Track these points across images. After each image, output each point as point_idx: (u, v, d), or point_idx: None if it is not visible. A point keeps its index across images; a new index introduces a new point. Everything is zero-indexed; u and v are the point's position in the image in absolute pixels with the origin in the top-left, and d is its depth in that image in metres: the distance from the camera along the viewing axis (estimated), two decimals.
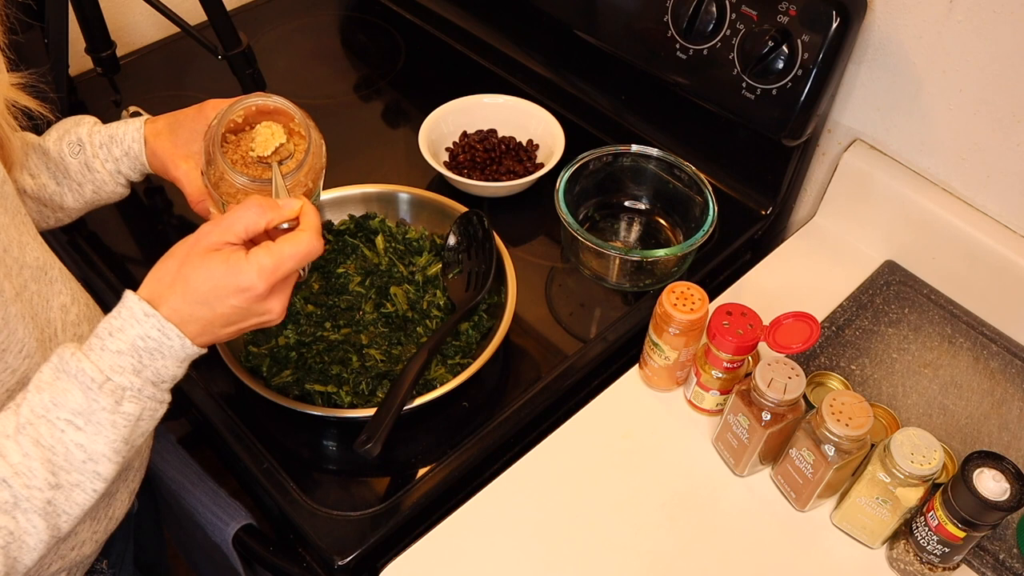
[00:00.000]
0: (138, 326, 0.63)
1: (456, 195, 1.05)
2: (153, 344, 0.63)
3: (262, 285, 0.64)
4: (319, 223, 0.69)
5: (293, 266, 0.66)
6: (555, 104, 1.20)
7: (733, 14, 0.96)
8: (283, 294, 0.67)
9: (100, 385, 0.61)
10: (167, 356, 0.64)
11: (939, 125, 0.96)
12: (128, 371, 0.62)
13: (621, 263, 0.98)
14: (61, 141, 0.87)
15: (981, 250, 0.96)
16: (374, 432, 0.78)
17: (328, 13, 1.44)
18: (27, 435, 0.60)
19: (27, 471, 0.59)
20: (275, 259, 0.65)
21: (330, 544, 0.80)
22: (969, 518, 0.72)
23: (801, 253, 1.08)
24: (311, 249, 0.66)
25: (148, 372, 0.63)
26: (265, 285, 0.64)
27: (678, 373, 0.91)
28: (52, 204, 0.88)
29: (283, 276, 0.66)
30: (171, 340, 0.63)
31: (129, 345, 0.62)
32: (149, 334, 0.63)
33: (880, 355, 0.96)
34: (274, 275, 0.65)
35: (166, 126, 0.87)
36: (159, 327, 0.63)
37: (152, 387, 0.64)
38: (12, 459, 0.59)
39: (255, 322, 0.67)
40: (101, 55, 1.16)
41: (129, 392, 0.62)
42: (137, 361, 0.62)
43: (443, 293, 0.96)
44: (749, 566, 0.81)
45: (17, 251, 0.70)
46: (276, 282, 0.65)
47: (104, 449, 0.61)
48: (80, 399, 0.61)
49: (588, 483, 0.86)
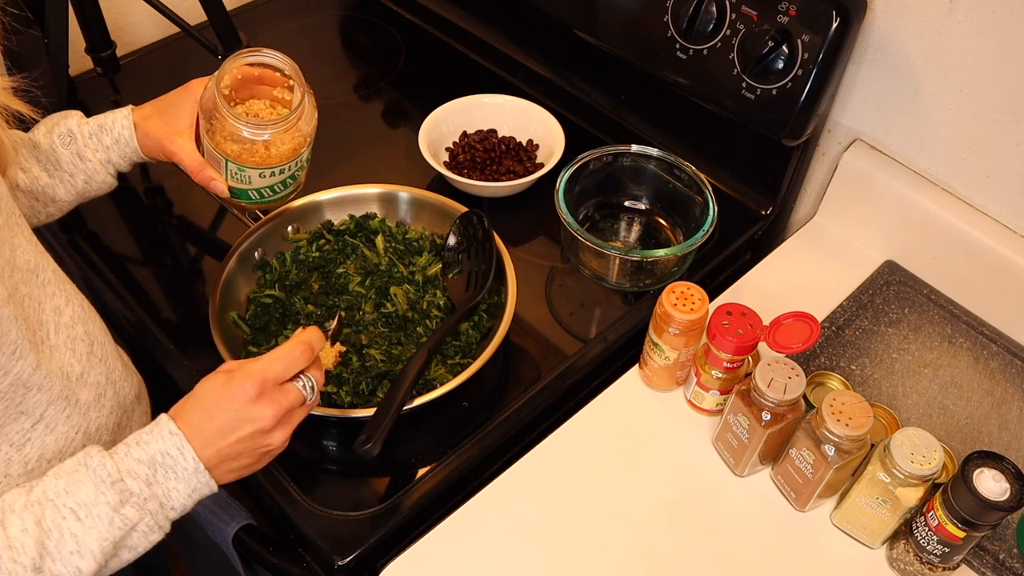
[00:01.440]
0: (162, 442, 0.66)
1: (456, 195, 1.05)
2: (170, 461, 0.66)
3: (249, 384, 0.68)
4: (316, 346, 0.72)
5: (279, 369, 0.69)
6: (555, 104, 1.20)
7: (733, 14, 0.96)
8: (277, 404, 0.69)
9: (112, 483, 0.64)
10: (180, 477, 0.66)
11: (939, 125, 0.96)
12: (141, 479, 0.65)
13: (621, 263, 0.98)
14: (51, 133, 0.88)
15: (981, 250, 0.96)
16: (374, 432, 0.78)
17: (328, 13, 1.44)
18: (32, 513, 0.62)
19: (20, 546, 0.61)
20: (263, 361, 0.69)
21: (330, 544, 0.80)
22: (969, 518, 0.72)
23: (801, 253, 1.08)
24: (295, 352, 0.70)
25: (159, 489, 0.66)
26: (252, 383, 0.68)
27: (678, 373, 0.91)
28: (44, 197, 0.89)
29: (272, 378, 0.69)
30: (187, 461, 0.66)
31: (149, 457, 0.66)
32: (168, 451, 0.66)
33: (880, 355, 0.96)
34: (262, 375, 0.68)
35: (154, 109, 0.91)
36: (178, 446, 0.66)
37: (157, 505, 0.66)
38: (11, 532, 0.61)
39: (249, 430, 0.68)
40: (101, 55, 1.16)
41: (135, 498, 0.64)
42: (151, 474, 0.65)
43: (443, 293, 0.96)
44: (749, 566, 0.81)
45: (8, 253, 0.69)
46: (264, 383, 0.68)
47: (93, 546, 0.63)
48: (90, 491, 0.63)
49: (588, 483, 0.86)
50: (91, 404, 0.75)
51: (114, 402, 0.78)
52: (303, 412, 0.73)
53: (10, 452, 0.68)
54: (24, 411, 0.68)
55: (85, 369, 0.74)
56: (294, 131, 0.89)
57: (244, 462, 0.70)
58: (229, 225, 1.08)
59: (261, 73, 0.91)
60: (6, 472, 0.69)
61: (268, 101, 0.93)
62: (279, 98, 0.92)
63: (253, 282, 0.97)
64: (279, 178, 0.92)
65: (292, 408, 0.70)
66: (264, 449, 0.70)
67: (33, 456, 0.70)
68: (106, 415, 0.77)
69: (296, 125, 0.89)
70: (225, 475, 0.69)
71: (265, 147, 0.88)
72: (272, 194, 0.93)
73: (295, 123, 0.88)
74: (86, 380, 0.74)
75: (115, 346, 0.82)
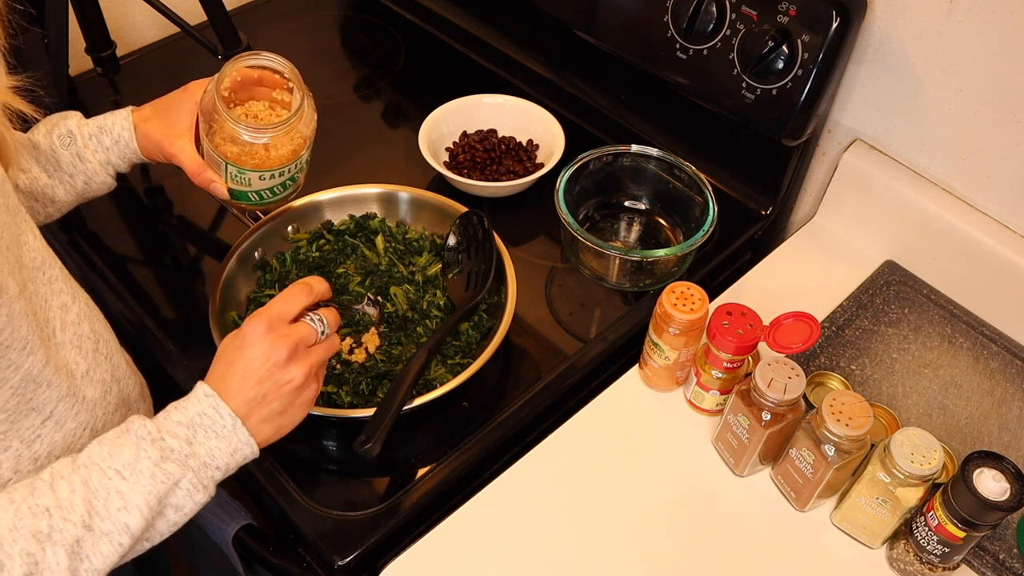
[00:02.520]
0: (198, 404, 0.69)
1: (456, 195, 1.05)
2: (208, 420, 0.68)
3: (257, 323, 0.71)
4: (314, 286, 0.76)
5: (281, 306, 0.73)
6: (555, 104, 1.20)
7: (733, 14, 0.96)
8: (287, 337, 0.71)
9: (152, 440, 0.66)
10: (219, 435, 0.68)
11: (939, 125, 0.96)
12: (181, 439, 0.67)
13: (621, 263, 0.98)
14: (51, 134, 0.88)
15: (981, 250, 0.96)
16: (373, 432, 0.78)
17: (328, 13, 1.44)
18: (79, 476, 0.64)
19: (69, 505, 0.62)
20: (265, 305, 0.74)
21: (330, 544, 0.80)
22: (969, 518, 0.72)
23: (801, 253, 1.08)
24: (291, 290, 0.74)
25: (200, 448, 0.67)
26: (259, 322, 0.71)
27: (678, 373, 0.91)
28: (44, 198, 0.89)
29: (276, 315, 0.72)
30: (223, 418, 0.68)
31: (188, 419, 0.68)
32: (206, 411, 0.68)
33: (880, 355, 0.96)
34: (266, 314, 0.72)
35: (153, 111, 0.91)
36: (215, 406, 0.69)
37: (200, 463, 0.67)
38: (60, 493, 0.63)
39: (266, 366, 0.70)
40: (101, 55, 1.16)
41: (176, 455, 0.66)
42: (191, 434, 0.68)
43: (443, 293, 0.96)
44: (749, 566, 0.81)
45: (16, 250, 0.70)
46: (271, 320, 0.72)
47: (139, 500, 0.64)
48: (132, 451, 0.65)
49: (588, 483, 0.86)
50: (97, 401, 0.75)
51: (119, 399, 0.79)
52: (322, 350, 0.74)
53: (20, 449, 0.69)
54: (35, 407, 0.69)
55: (91, 366, 0.75)
56: (293, 134, 0.90)
57: (274, 407, 0.71)
58: (229, 225, 1.08)
59: (260, 75, 0.92)
60: (16, 468, 0.69)
61: (267, 103, 0.93)
62: (278, 99, 0.93)
63: (253, 282, 0.97)
64: (279, 180, 0.92)
65: (304, 342, 0.72)
66: (288, 386, 0.71)
67: (43, 453, 0.70)
68: (112, 412, 0.77)
69: (296, 128, 0.89)
70: (260, 427, 0.70)
71: (265, 149, 0.89)
72: (272, 196, 0.94)
73: (295, 126, 0.89)
74: (92, 377, 0.75)
75: (119, 345, 0.82)
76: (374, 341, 0.90)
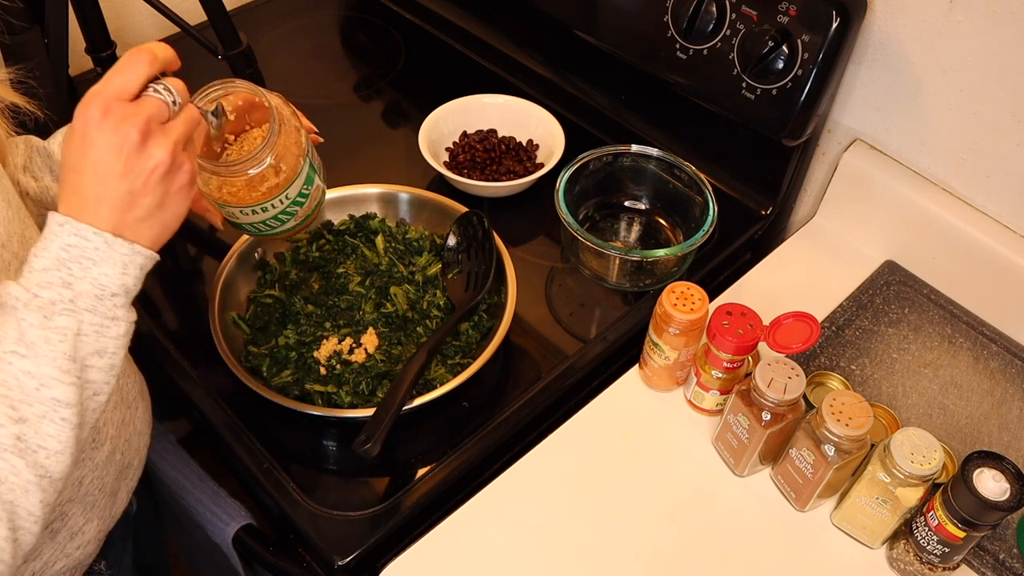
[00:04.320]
0: (57, 239, 0.59)
1: (456, 195, 1.05)
2: (76, 252, 0.59)
3: (91, 109, 0.59)
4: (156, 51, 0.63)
5: (117, 81, 0.60)
6: (555, 104, 1.20)
7: (733, 14, 0.96)
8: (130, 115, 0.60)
9: (26, 304, 0.58)
10: (98, 261, 0.60)
11: (939, 125, 0.96)
12: (56, 284, 0.59)
13: (621, 263, 0.98)
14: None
15: (981, 250, 0.96)
16: (373, 432, 0.78)
17: (328, 13, 1.44)
18: None
19: None
20: (96, 85, 0.60)
21: (330, 544, 0.80)
22: (969, 518, 0.72)
23: (801, 253, 1.08)
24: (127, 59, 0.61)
25: (83, 284, 0.59)
26: (94, 107, 0.59)
27: (678, 373, 0.91)
28: (54, 207, 0.88)
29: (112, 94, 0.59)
30: (90, 240, 0.59)
31: (53, 259, 0.59)
32: (68, 242, 0.59)
33: (880, 355, 0.96)
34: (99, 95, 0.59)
35: None
36: (75, 231, 0.59)
37: (92, 299, 0.60)
38: None
39: (117, 157, 0.59)
40: (101, 55, 1.16)
41: (59, 305, 0.58)
42: (66, 274, 0.59)
43: (443, 293, 0.96)
44: (749, 566, 0.81)
45: (17, 246, 0.70)
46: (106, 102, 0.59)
47: (49, 370, 0.58)
48: (14, 326, 0.58)
49: (588, 483, 0.86)
50: None
51: (118, 397, 0.79)
52: (181, 123, 0.63)
53: None
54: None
55: None
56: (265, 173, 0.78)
57: (147, 202, 0.61)
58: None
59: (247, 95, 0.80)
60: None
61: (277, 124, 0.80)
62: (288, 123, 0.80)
63: (253, 282, 0.97)
64: (268, 214, 0.82)
65: (156, 119, 0.61)
66: (155, 174, 0.61)
67: None
68: (111, 410, 0.77)
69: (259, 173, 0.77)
70: (141, 230, 0.61)
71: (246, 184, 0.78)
72: (269, 228, 0.84)
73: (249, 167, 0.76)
74: None
75: None
76: (373, 341, 0.90)
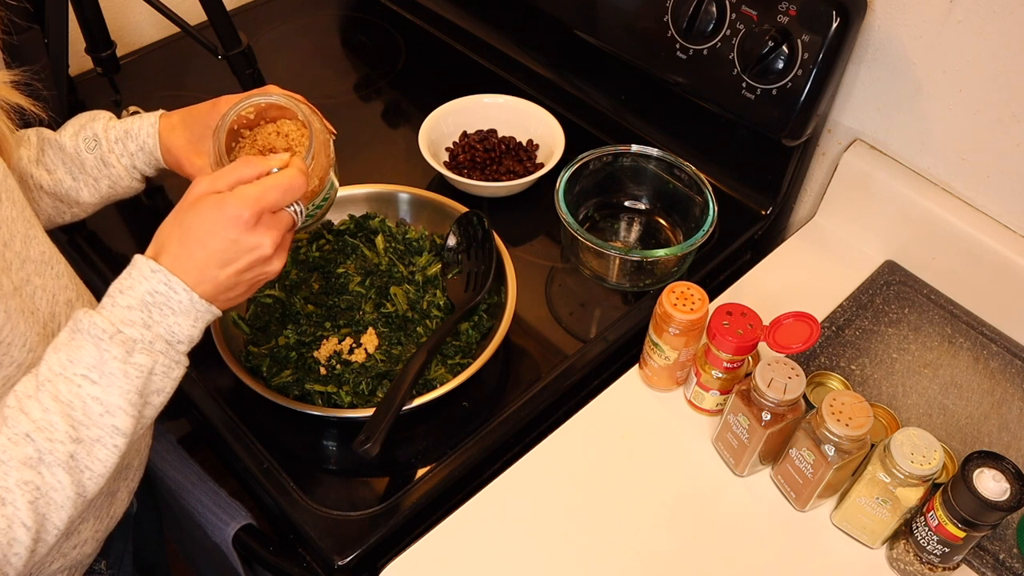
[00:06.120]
0: (146, 282, 0.64)
1: (456, 195, 1.05)
2: (161, 299, 0.64)
3: (247, 212, 0.65)
4: (305, 167, 0.71)
5: (277, 197, 0.67)
6: (555, 104, 1.20)
7: (733, 14, 0.96)
8: (274, 229, 0.68)
9: (111, 336, 0.62)
10: (177, 312, 0.65)
11: (939, 125, 0.96)
12: (138, 324, 0.63)
13: (621, 263, 0.98)
14: (77, 136, 0.87)
15: (981, 250, 0.96)
16: (373, 432, 0.78)
17: (328, 13, 1.44)
18: (46, 392, 0.61)
19: (48, 425, 0.60)
20: (258, 188, 0.66)
21: (330, 544, 0.80)
22: (969, 518, 0.72)
23: (801, 253, 1.08)
24: (293, 181, 0.68)
25: (160, 328, 0.64)
26: (250, 212, 0.65)
27: (678, 373, 0.91)
28: (68, 199, 0.88)
29: (269, 206, 0.67)
30: (178, 294, 0.64)
31: (138, 301, 0.64)
32: (156, 289, 0.64)
33: (880, 355, 0.96)
34: (258, 203, 0.66)
35: (180, 121, 0.88)
36: (165, 281, 0.64)
37: (164, 343, 0.65)
38: (34, 415, 0.61)
39: (249, 260, 0.67)
40: (101, 55, 1.16)
41: (140, 344, 0.63)
42: (147, 316, 0.64)
43: (443, 293, 0.96)
44: (749, 566, 0.81)
45: (20, 245, 0.70)
46: (262, 211, 0.66)
47: (119, 401, 0.62)
48: (93, 352, 0.62)
49: (588, 483, 0.86)
50: None
51: None
52: (291, 235, 0.72)
53: None
54: None
55: None
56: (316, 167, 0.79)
57: (241, 291, 0.69)
58: None
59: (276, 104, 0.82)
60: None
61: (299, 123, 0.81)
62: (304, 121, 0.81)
63: None
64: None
65: (286, 231, 0.69)
66: (264, 277, 0.69)
67: None
68: None
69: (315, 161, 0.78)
70: (223, 304, 0.68)
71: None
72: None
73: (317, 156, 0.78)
74: None
75: None
76: (373, 341, 0.90)
